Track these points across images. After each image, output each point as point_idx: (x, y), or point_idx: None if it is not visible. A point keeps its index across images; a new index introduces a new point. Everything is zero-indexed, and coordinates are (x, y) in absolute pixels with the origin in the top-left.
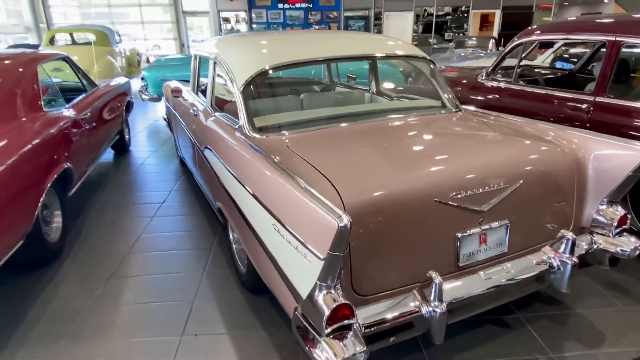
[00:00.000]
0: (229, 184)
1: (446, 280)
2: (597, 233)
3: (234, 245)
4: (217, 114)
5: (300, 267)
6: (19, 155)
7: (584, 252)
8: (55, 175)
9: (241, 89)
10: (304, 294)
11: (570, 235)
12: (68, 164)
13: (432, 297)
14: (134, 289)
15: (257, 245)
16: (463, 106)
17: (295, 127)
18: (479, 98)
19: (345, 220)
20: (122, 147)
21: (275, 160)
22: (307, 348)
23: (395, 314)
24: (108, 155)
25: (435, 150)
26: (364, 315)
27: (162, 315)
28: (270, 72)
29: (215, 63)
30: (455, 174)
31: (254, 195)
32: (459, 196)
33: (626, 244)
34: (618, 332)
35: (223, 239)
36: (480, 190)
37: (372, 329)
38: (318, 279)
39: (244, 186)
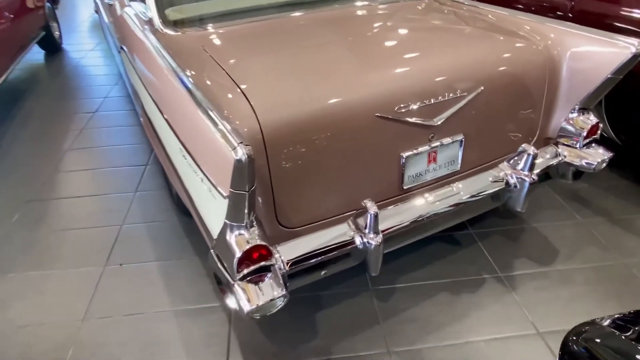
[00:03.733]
0: (143, 95)
1: (387, 205)
2: (563, 144)
3: None
4: (132, 2)
5: (209, 202)
6: None
7: (546, 166)
8: None
9: None
10: (214, 233)
11: (531, 150)
12: None
13: (366, 230)
14: (56, 214)
15: (171, 168)
16: None
17: (221, 20)
18: None
19: (242, 152)
20: (52, 46)
21: (181, 65)
22: (221, 293)
23: (326, 246)
24: (37, 55)
25: (382, 51)
26: (290, 249)
27: (84, 244)
28: None
29: None
30: (403, 82)
31: (160, 111)
32: (405, 110)
33: (592, 157)
34: (573, 247)
35: None
36: (432, 101)
37: (299, 265)
38: (226, 219)
39: (152, 98)
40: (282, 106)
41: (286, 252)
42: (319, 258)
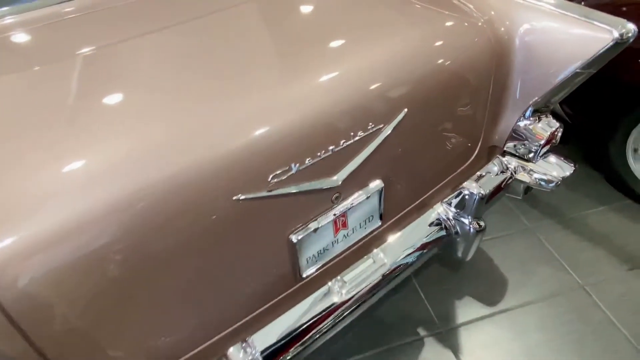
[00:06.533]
0: None
1: (280, 305)
2: (512, 154)
3: None
4: None
5: None
6: None
7: (492, 190)
8: None
9: None
10: None
11: (475, 188)
12: None
13: None
14: None
15: None
16: None
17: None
18: None
19: None
20: None
21: None
22: None
23: None
24: None
25: (236, 69)
26: None
27: None
28: None
29: None
30: (276, 129)
31: None
32: (284, 177)
33: (549, 172)
34: (522, 270)
35: None
36: (331, 150)
37: None
38: None
39: None
40: (39, 218)
41: None
42: None
